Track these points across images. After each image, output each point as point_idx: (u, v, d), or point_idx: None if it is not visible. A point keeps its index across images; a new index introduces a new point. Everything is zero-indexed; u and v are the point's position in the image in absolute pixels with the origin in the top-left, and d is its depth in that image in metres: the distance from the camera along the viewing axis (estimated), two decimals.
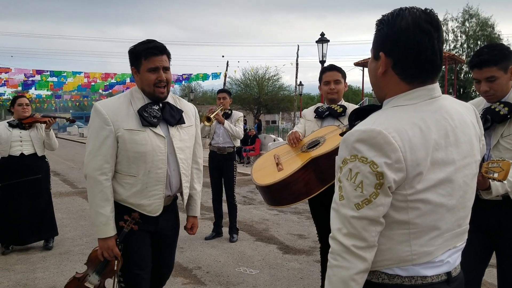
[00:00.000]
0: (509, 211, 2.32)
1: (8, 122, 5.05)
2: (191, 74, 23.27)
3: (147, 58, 2.24)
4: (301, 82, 30.19)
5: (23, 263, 4.68)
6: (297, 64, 26.76)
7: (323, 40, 15.10)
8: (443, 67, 26.55)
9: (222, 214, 5.76)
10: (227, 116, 5.59)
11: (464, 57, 35.54)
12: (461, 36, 38.68)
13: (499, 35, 37.68)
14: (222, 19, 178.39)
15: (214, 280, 4.20)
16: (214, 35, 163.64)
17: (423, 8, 1.28)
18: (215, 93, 6.56)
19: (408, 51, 1.25)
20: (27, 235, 5.02)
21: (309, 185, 2.81)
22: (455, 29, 38.53)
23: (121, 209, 2.32)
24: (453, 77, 31.04)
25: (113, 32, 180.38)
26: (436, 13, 1.28)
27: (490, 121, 2.30)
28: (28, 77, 21.66)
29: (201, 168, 2.69)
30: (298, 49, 26.94)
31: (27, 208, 5.01)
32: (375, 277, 1.28)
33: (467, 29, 38.31)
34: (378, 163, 1.17)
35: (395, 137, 1.17)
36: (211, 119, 5.31)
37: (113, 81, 23.51)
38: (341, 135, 1.59)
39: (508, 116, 2.27)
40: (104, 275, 2.52)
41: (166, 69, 2.31)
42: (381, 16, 1.32)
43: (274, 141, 15.89)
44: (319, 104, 3.55)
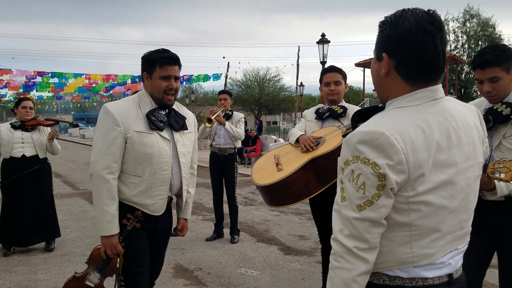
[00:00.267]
0: (511, 211, 2.32)
1: (10, 123, 5.04)
2: (192, 75, 23.26)
3: (162, 66, 2.35)
4: (302, 83, 30.23)
5: (25, 264, 4.68)
6: (298, 65, 26.82)
7: (324, 40, 15.11)
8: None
9: (223, 215, 5.76)
10: (228, 117, 5.59)
11: (465, 58, 35.49)
12: (462, 36, 38.67)
13: (500, 35, 37.66)
14: (222, 20, 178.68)
15: (215, 281, 4.20)
16: (214, 36, 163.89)
17: (425, 9, 1.27)
18: (216, 94, 6.57)
19: (411, 52, 1.25)
20: (29, 236, 5.02)
21: (309, 185, 2.81)
22: (456, 30, 38.52)
23: (124, 208, 2.39)
24: (454, 78, 31.00)
25: (113, 33, 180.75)
26: (439, 14, 1.28)
27: (492, 122, 2.29)
28: (29, 79, 21.69)
29: (195, 173, 2.79)
30: (299, 50, 27.13)
31: (29, 209, 5.01)
32: (376, 279, 1.28)
33: (468, 30, 38.29)
34: (380, 164, 1.16)
35: (398, 138, 1.17)
36: (212, 120, 5.32)
37: (114, 82, 23.53)
38: (345, 136, 1.59)
39: (510, 116, 2.27)
40: (105, 274, 2.55)
41: (176, 79, 2.43)
42: (384, 17, 1.32)
43: (275, 141, 15.89)
44: (320, 105, 3.56)
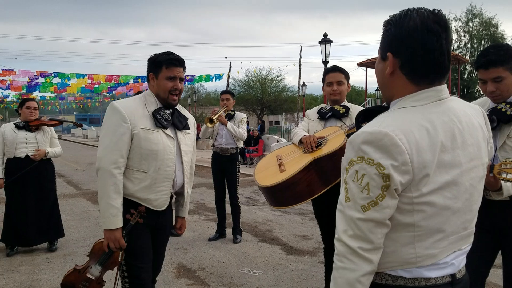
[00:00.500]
0: None
1: (14, 123, 5.05)
2: (194, 75, 23.27)
3: (168, 67, 2.46)
4: (304, 82, 30.20)
5: (28, 264, 4.69)
6: (300, 64, 26.77)
7: (326, 40, 15.10)
8: None
9: (225, 215, 5.76)
10: (230, 117, 5.59)
11: (467, 57, 35.42)
12: (464, 35, 38.59)
13: (503, 35, 37.58)
14: (224, 20, 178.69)
15: (217, 281, 4.20)
16: (216, 37, 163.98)
17: (430, 8, 1.27)
18: (218, 94, 6.57)
19: (416, 51, 1.24)
20: (33, 236, 5.03)
21: (312, 186, 2.81)
22: (459, 29, 38.45)
23: (127, 204, 2.44)
24: (456, 77, 30.94)
25: (115, 33, 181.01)
26: (444, 14, 1.27)
27: (496, 122, 2.28)
28: (32, 79, 21.75)
29: (193, 173, 2.88)
30: (301, 50, 26.94)
31: (33, 209, 5.02)
32: (378, 278, 1.28)
33: (471, 29, 38.21)
34: (384, 165, 1.16)
35: (402, 139, 1.16)
36: (214, 120, 5.32)
37: (116, 83, 23.57)
38: (349, 136, 1.59)
39: None
40: (106, 267, 2.60)
41: (181, 80, 2.54)
42: (389, 16, 1.31)
43: (277, 142, 15.88)
44: (323, 104, 3.55)
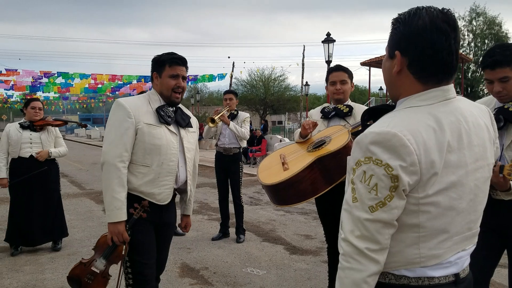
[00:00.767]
0: None
1: (19, 123, 5.07)
2: (197, 75, 23.29)
3: (171, 65, 2.53)
4: (307, 82, 30.15)
5: (32, 264, 4.71)
6: (303, 64, 26.73)
7: (329, 40, 15.09)
8: None
9: (228, 214, 5.77)
10: (234, 117, 5.59)
11: (471, 56, 35.33)
12: (468, 35, 38.47)
13: (506, 34, 37.46)
14: (227, 20, 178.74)
15: (221, 280, 4.21)
16: (219, 37, 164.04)
17: (440, 7, 1.26)
18: (221, 94, 6.57)
19: (424, 50, 1.23)
20: (37, 236, 5.04)
21: (316, 184, 2.81)
22: (462, 28, 38.32)
23: (131, 198, 2.48)
24: (460, 76, 30.85)
25: (117, 34, 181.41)
26: (453, 13, 1.26)
27: (503, 121, 2.27)
28: (36, 79, 21.82)
29: (197, 172, 2.92)
30: (304, 49, 26.93)
31: (37, 209, 5.03)
32: (381, 277, 1.28)
33: (474, 28, 38.10)
34: (393, 166, 1.15)
35: (410, 139, 1.15)
36: (215, 120, 5.32)
37: (120, 82, 23.63)
38: (355, 135, 1.58)
39: None
40: (110, 260, 2.62)
41: (184, 78, 2.61)
42: (398, 14, 1.31)
43: (280, 141, 15.88)
44: (326, 104, 3.55)
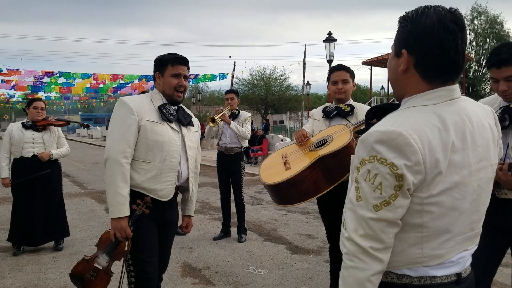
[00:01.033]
0: None
1: (22, 123, 5.08)
2: (198, 74, 23.31)
3: (174, 65, 2.59)
4: (308, 81, 30.17)
5: (34, 263, 4.72)
6: (304, 63, 26.69)
7: (330, 39, 15.09)
8: None
9: (230, 214, 5.77)
10: (235, 116, 5.59)
11: (473, 55, 35.26)
12: (469, 34, 38.36)
13: (508, 33, 37.39)
14: (228, 20, 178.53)
15: (223, 280, 4.21)
16: (220, 36, 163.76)
17: (447, 7, 1.25)
18: (223, 94, 6.57)
19: (431, 49, 1.22)
20: (40, 236, 5.05)
21: (317, 184, 2.81)
22: None
23: (133, 195, 2.50)
24: (462, 76, 30.82)
25: (119, 34, 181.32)
26: (461, 13, 1.26)
27: (508, 120, 2.26)
28: (37, 79, 21.86)
29: (198, 172, 2.95)
30: (305, 49, 26.84)
31: (39, 209, 5.04)
32: (383, 277, 1.27)
33: (476, 27, 38.02)
34: (398, 165, 1.15)
35: (415, 139, 1.15)
36: (216, 120, 5.32)
37: (121, 82, 23.67)
38: (359, 133, 1.57)
39: None
40: (113, 257, 2.62)
41: (185, 78, 2.67)
42: (405, 12, 1.30)
43: (281, 141, 15.87)
44: (327, 103, 3.54)
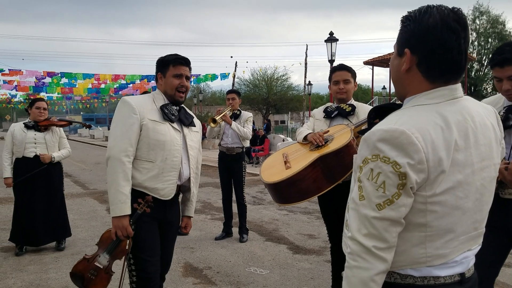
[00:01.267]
0: None
1: (24, 123, 5.08)
2: (200, 74, 23.31)
3: (175, 65, 2.61)
4: (310, 81, 30.15)
5: (36, 263, 4.73)
6: (306, 63, 26.65)
7: (332, 39, 15.07)
8: None
9: (232, 214, 5.77)
10: (236, 116, 5.59)
11: (474, 55, 35.17)
12: (471, 33, 38.27)
13: (510, 32, 37.24)
14: (229, 20, 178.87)
15: (224, 280, 4.21)
16: (221, 36, 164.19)
17: (450, 6, 1.25)
18: (224, 94, 6.58)
19: (434, 49, 1.23)
20: (41, 236, 5.05)
21: (318, 183, 2.80)
22: None
23: (135, 194, 2.51)
24: (464, 75, 30.76)
25: (119, 34, 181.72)
26: (464, 13, 1.26)
27: None
28: (39, 79, 21.89)
29: (199, 173, 2.95)
30: (307, 49, 26.79)
31: (41, 209, 5.04)
32: (387, 277, 1.27)
33: (478, 27, 37.91)
34: (401, 163, 1.15)
35: (418, 137, 1.15)
36: (217, 120, 5.32)
37: (123, 82, 23.70)
38: (361, 133, 1.57)
39: None
40: (114, 255, 2.62)
41: (187, 78, 2.68)
42: (408, 12, 1.30)
43: (283, 141, 15.88)
44: (329, 103, 3.54)
